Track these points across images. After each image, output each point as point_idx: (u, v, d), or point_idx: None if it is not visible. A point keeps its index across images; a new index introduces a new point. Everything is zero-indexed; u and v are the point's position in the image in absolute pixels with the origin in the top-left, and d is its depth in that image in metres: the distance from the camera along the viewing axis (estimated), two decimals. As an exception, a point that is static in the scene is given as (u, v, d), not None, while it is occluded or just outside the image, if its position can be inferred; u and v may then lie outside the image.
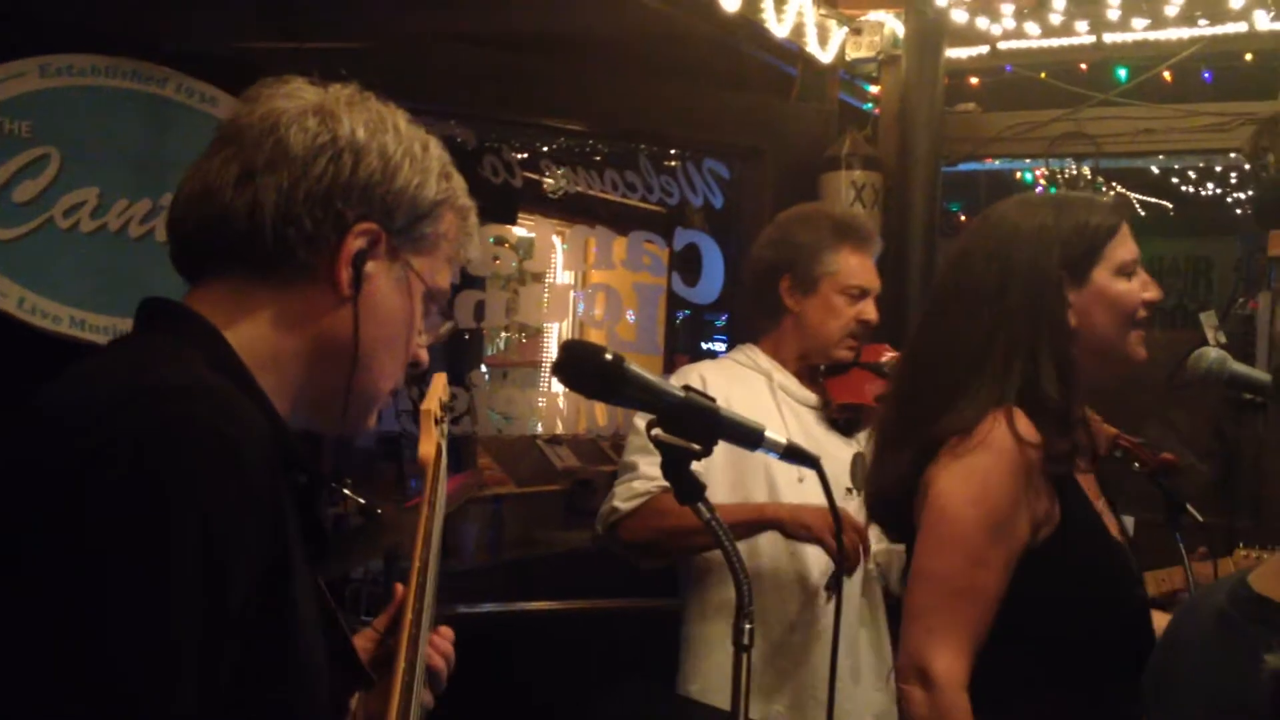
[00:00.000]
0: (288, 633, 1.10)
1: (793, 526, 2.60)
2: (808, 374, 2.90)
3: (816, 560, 2.72)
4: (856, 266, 2.85)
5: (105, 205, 3.26)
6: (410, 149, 1.28)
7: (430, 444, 1.61)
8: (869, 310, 2.86)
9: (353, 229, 1.23)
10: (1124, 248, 2.00)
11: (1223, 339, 3.88)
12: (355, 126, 1.25)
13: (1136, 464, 2.73)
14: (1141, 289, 2.01)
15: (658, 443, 1.45)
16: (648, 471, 2.71)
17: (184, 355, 1.15)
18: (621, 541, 2.78)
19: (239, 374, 1.18)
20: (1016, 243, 1.98)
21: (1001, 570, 1.87)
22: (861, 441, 2.83)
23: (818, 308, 2.85)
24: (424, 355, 1.36)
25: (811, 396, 2.88)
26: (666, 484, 2.54)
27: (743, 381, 2.85)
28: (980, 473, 1.87)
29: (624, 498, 2.77)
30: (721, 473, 2.72)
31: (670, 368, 4.76)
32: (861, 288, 2.85)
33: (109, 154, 3.26)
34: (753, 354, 2.93)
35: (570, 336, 5.06)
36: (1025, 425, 1.89)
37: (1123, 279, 1.99)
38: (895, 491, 1.99)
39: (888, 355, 2.91)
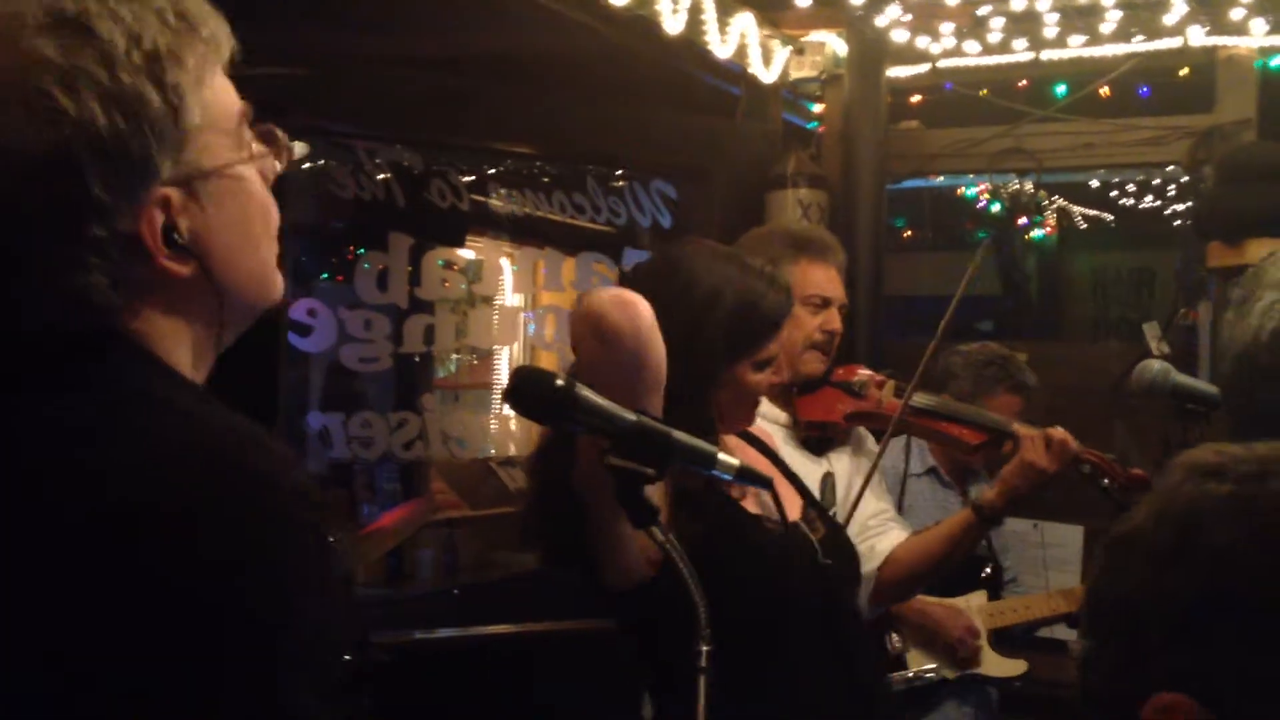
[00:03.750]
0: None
1: None
2: (780, 393, 2.83)
3: None
4: (816, 277, 2.78)
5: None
6: (102, 87, 0.99)
7: None
8: (832, 320, 2.78)
9: (139, 229, 1.03)
10: (776, 344, 2.06)
11: (1166, 349, 3.94)
12: (25, 137, 0.99)
13: (1105, 480, 2.70)
14: (770, 377, 2.09)
15: (610, 467, 1.46)
16: None
17: (184, 401, 1.05)
18: None
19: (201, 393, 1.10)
20: (713, 301, 1.98)
21: None
22: (832, 460, 2.82)
23: None
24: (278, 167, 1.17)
25: (781, 415, 2.82)
26: None
27: None
28: None
29: None
30: None
31: (622, 388, 4.77)
32: (823, 296, 2.77)
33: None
34: None
35: (521, 359, 5.05)
36: None
37: (759, 372, 2.06)
38: None
39: (860, 374, 2.89)
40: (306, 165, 4.40)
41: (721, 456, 1.50)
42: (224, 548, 0.93)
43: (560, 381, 1.43)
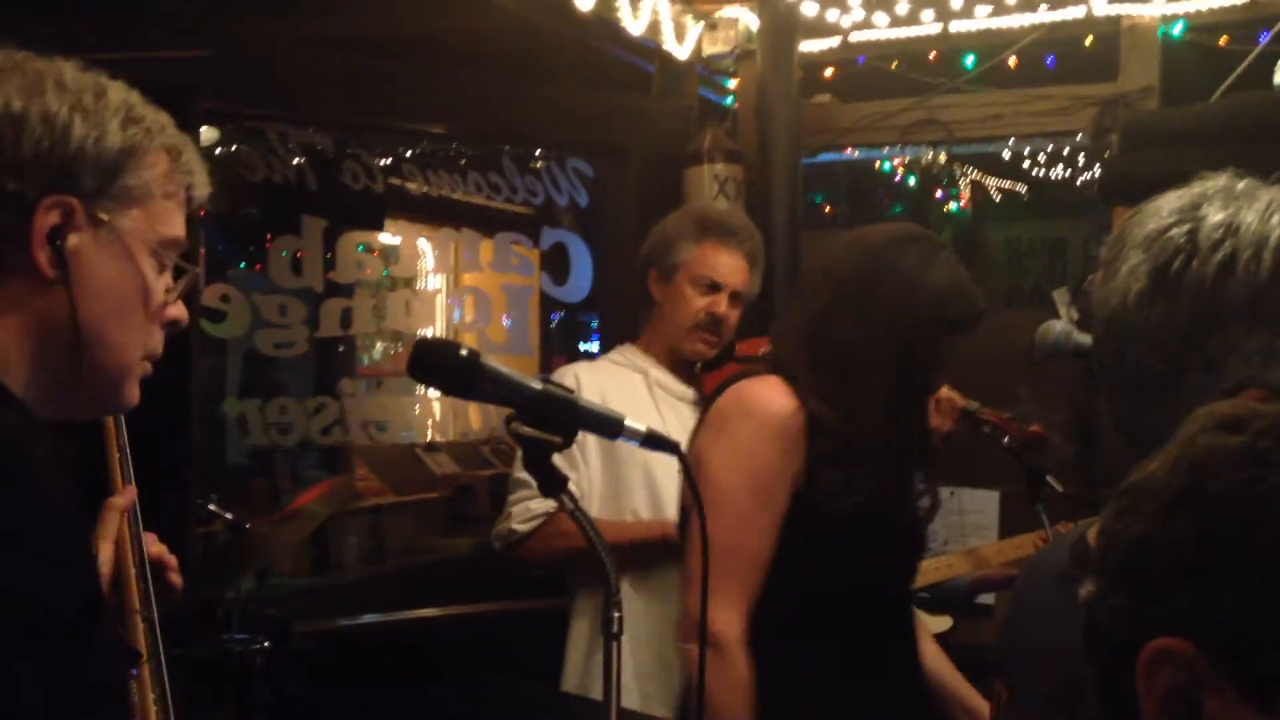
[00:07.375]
0: (102, 661, 1.10)
1: None
2: (684, 369, 2.90)
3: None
4: (712, 259, 2.81)
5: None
6: (80, 102, 1.16)
7: None
8: (719, 304, 2.81)
9: (39, 206, 1.13)
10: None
11: (1075, 315, 4.00)
12: (8, 98, 1.14)
13: (1006, 439, 2.80)
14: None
15: (518, 436, 1.45)
16: None
17: None
18: (523, 560, 2.78)
19: None
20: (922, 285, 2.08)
21: (767, 531, 2.01)
22: None
23: (672, 297, 2.84)
24: (178, 312, 1.27)
25: (688, 391, 2.87)
26: None
27: (619, 379, 2.85)
28: (742, 439, 2.03)
29: (521, 519, 2.75)
30: (599, 475, 2.74)
31: (546, 369, 4.77)
32: (712, 280, 2.80)
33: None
34: (628, 353, 2.93)
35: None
36: (781, 393, 2.03)
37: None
38: None
39: (764, 349, 2.92)
40: (217, 151, 4.34)
41: (628, 422, 1.50)
42: None
43: (464, 351, 1.42)
